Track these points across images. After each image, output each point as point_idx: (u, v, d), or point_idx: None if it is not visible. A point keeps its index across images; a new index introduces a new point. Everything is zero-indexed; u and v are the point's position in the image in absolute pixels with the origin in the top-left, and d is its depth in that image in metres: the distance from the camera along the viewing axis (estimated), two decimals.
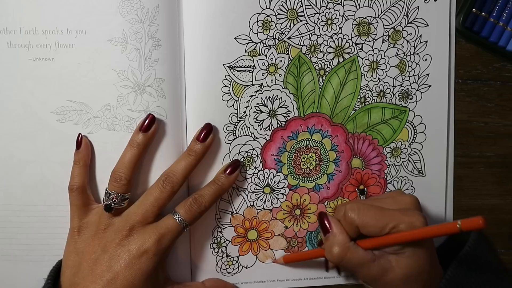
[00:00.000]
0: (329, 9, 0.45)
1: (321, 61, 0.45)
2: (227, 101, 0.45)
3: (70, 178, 0.42)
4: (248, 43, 0.44)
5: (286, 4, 0.44)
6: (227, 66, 0.44)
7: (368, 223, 0.39)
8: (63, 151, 0.43)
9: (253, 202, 0.47)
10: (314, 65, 0.45)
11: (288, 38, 0.45)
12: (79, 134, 0.43)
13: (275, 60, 0.45)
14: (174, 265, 0.45)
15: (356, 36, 0.46)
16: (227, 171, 0.43)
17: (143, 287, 0.40)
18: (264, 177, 0.46)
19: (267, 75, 0.45)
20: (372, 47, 0.46)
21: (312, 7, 0.44)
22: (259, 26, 0.44)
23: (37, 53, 0.42)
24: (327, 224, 0.41)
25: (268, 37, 0.44)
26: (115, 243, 0.40)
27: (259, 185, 0.46)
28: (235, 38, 0.44)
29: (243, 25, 0.44)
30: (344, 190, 0.48)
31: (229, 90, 0.44)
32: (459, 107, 0.49)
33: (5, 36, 0.42)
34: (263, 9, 0.44)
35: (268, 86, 0.45)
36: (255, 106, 0.45)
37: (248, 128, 0.45)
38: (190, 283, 0.45)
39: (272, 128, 0.46)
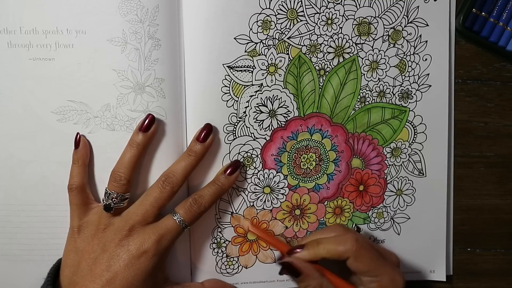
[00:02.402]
0: (329, 8, 0.45)
1: (321, 61, 0.45)
2: (227, 101, 0.45)
3: (69, 178, 0.42)
4: (248, 43, 0.44)
5: (286, 4, 0.44)
6: (227, 66, 0.44)
7: (361, 265, 0.40)
8: (63, 151, 0.43)
9: (253, 202, 0.47)
10: (314, 65, 0.45)
11: (288, 38, 0.45)
12: (77, 133, 0.43)
13: (275, 60, 0.45)
14: (173, 265, 0.45)
15: (356, 36, 0.46)
16: (227, 172, 0.43)
17: (142, 287, 0.40)
18: (264, 177, 0.46)
19: (267, 75, 0.45)
20: (372, 47, 0.46)
21: (312, 7, 0.44)
22: (259, 26, 0.44)
23: (37, 53, 0.42)
24: (297, 269, 0.41)
25: (268, 37, 0.44)
26: (115, 243, 0.40)
27: (259, 185, 0.46)
28: (235, 38, 0.44)
29: (243, 25, 0.44)
30: (344, 190, 0.48)
31: (229, 90, 0.44)
32: (459, 107, 0.49)
33: (5, 36, 0.42)
34: (263, 9, 0.44)
35: (268, 86, 0.45)
36: (255, 106, 0.45)
37: (248, 128, 0.45)
38: (189, 284, 0.45)
39: (272, 128, 0.46)
